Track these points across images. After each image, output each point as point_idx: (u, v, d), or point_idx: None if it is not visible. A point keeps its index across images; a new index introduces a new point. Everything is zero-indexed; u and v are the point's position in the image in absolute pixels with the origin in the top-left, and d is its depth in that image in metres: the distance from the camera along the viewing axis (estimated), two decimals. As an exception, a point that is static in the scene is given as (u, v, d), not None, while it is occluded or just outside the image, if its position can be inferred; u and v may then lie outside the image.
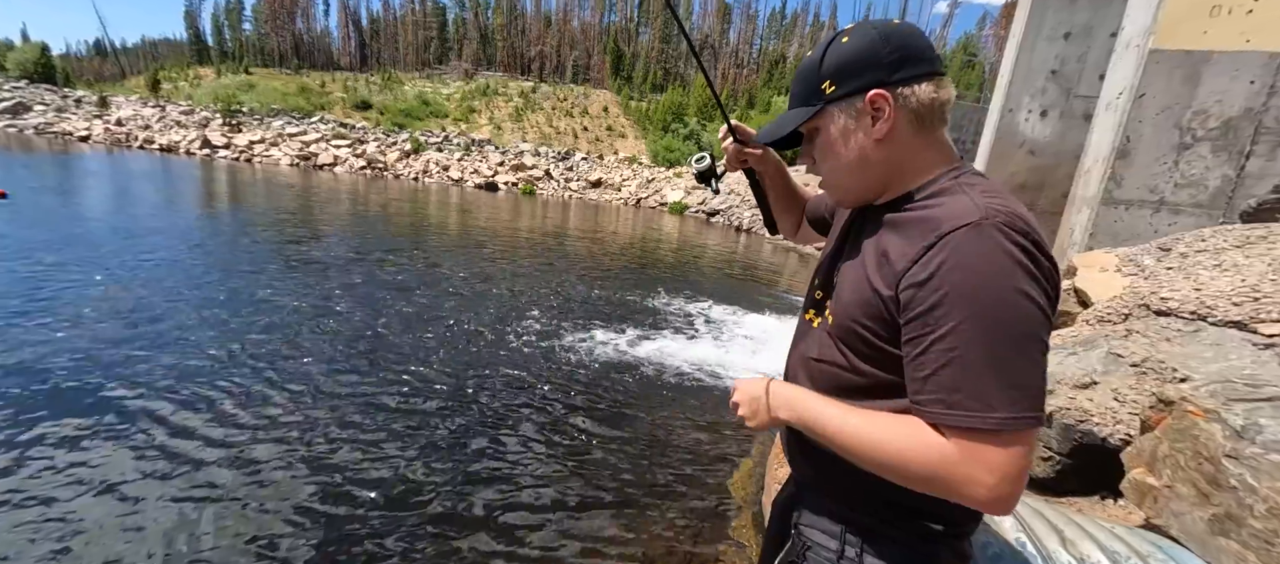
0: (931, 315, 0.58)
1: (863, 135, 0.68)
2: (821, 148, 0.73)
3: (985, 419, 0.55)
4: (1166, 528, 1.30)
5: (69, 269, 5.16)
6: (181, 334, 3.96)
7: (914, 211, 0.65)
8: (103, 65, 65.44)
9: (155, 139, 22.19)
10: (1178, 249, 2.52)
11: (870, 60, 0.65)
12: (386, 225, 10.22)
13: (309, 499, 2.39)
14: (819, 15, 64.64)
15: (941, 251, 0.58)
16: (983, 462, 0.55)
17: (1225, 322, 1.91)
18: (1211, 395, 1.29)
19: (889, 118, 0.66)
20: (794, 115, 0.73)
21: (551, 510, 2.48)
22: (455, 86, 45.31)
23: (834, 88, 0.68)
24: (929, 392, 0.59)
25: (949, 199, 0.63)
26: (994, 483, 0.55)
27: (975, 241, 0.57)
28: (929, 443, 0.58)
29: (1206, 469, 1.21)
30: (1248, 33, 2.99)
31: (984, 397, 0.55)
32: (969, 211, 0.59)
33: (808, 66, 0.71)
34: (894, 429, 0.61)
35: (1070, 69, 5.30)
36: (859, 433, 0.63)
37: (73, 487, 2.32)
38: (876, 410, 0.65)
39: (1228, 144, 3.14)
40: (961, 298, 0.56)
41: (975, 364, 0.56)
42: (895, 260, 0.63)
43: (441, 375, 3.78)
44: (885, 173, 0.69)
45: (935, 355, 0.58)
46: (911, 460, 0.59)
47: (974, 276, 0.56)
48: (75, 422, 2.77)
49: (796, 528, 0.81)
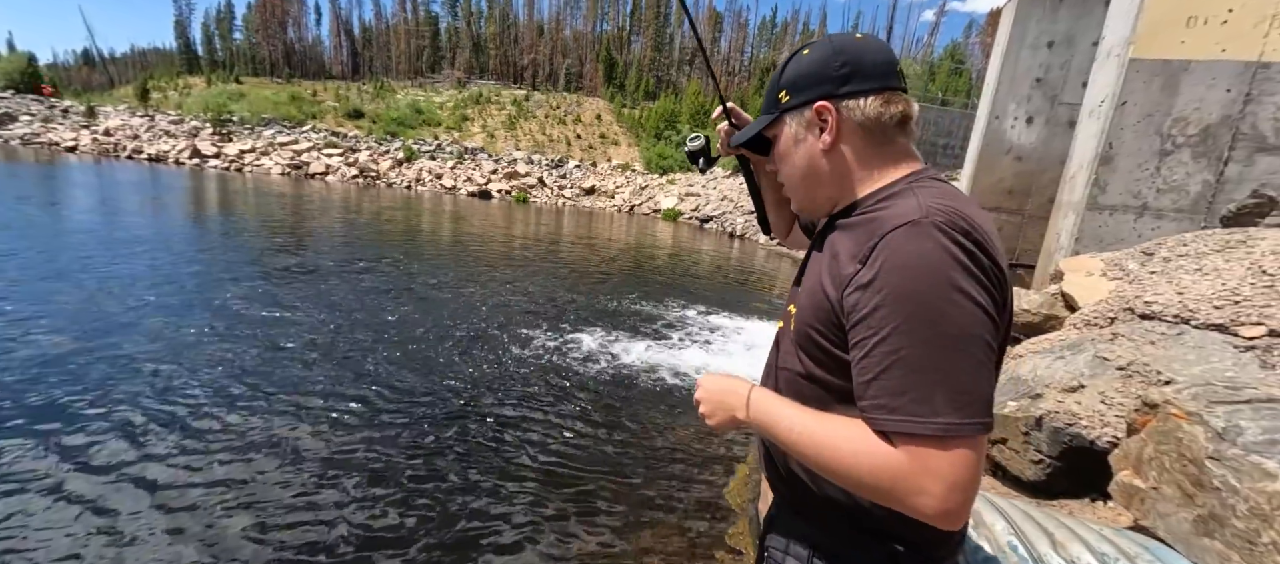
0: (873, 318, 0.57)
1: (810, 145, 0.70)
2: (777, 156, 0.76)
3: (928, 424, 0.53)
4: (1153, 529, 1.32)
5: (47, 279, 5.09)
6: (180, 343, 3.92)
7: (863, 215, 0.66)
8: (91, 75, 64.85)
9: (144, 149, 21.98)
10: (1161, 253, 2.58)
11: (821, 74, 0.67)
12: (379, 234, 10.17)
13: (304, 504, 2.37)
14: (808, 24, 65.32)
15: (882, 252, 0.57)
16: (929, 470, 0.53)
17: (1207, 325, 1.96)
18: (1194, 398, 1.32)
19: (832, 129, 0.67)
20: (758, 122, 0.77)
21: (547, 517, 2.48)
22: (448, 95, 45.32)
23: (789, 97, 0.71)
24: (872, 397, 0.57)
25: (898, 201, 0.63)
26: (941, 492, 0.53)
27: (913, 240, 0.56)
28: (875, 450, 0.56)
29: (1190, 471, 1.24)
30: (1223, 42, 3.07)
31: (927, 401, 0.53)
32: (910, 211, 0.58)
33: (773, 77, 0.75)
34: (843, 434, 0.59)
35: (1054, 76, 5.41)
36: (812, 436, 0.61)
37: (58, 497, 2.28)
38: (832, 416, 0.64)
39: (1207, 150, 3.22)
40: (900, 298, 0.55)
41: (916, 366, 0.54)
42: (843, 263, 0.63)
43: (437, 383, 3.77)
44: (835, 182, 0.70)
45: (877, 358, 0.56)
46: (859, 467, 0.57)
47: (911, 277, 0.55)
48: (64, 428, 2.73)
49: (767, 550, 0.81)
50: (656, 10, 59.12)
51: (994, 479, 2.09)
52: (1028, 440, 1.95)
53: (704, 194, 20.77)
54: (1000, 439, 2.04)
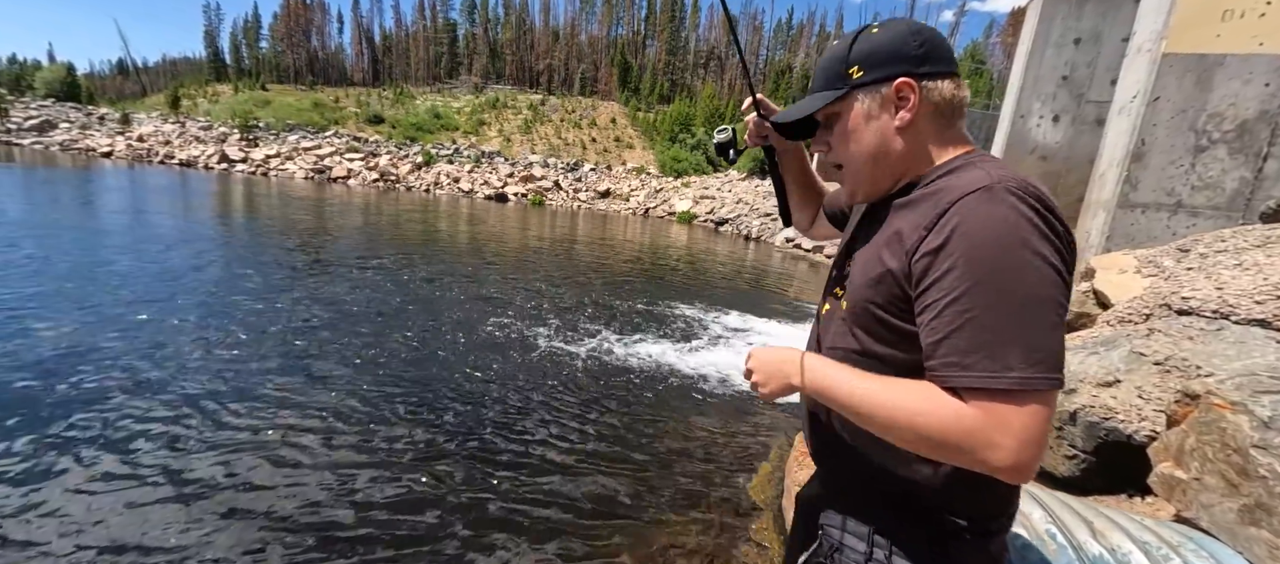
0: (945, 279, 0.57)
1: (885, 122, 0.69)
2: (841, 134, 0.73)
3: (1001, 379, 0.54)
4: (1196, 520, 1.31)
5: (68, 278, 5.31)
6: (211, 336, 4.06)
7: (925, 189, 0.66)
8: (125, 84, 67.33)
9: (175, 154, 22.75)
10: (1197, 249, 2.53)
11: (899, 51, 0.67)
12: (399, 236, 10.37)
13: (321, 500, 2.42)
14: (824, 25, 64.90)
15: (954, 217, 0.58)
16: (1001, 424, 0.54)
17: (1248, 320, 1.92)
18: (1237, 388, 1.30)
19: (913, 106, 0.67)
20: (817, 98, 0.73)
21: (571, 513, 2.51)
22: (465, 100, 46.03)
23: (861, 73, 0.69)
24: (943, 355, 0.57)
25: (961, 173, 0.64)
26: (1014, 446, 0.53)
27: (988, 205, 0.57)
28: (945, 406, 0.57)
29: (1234, 460, 1.23)
30: (1260, 36, 3.00)
31: (1001, 357, 0.54)
32: (980, 179, 0.59)
33: (834, 54, 0.72)
34: (910, 392, 0.59)
35: (1080, 75, 5.31)
36: (875, 396, 0.61)
37: (83, 491, 2.39)
38: (894, 378, 0.64)
39: (1244, 146, 3.14)
40: (975, 259, 0.56)
41: (991, 324, 0.55)
42: (907, 235, 0.63)
43: (455, 382, 3.84)
44: (902, 163, 0.70)
45: (949, 317, 0.57)
46: (929, 423, 0.57)
47: (988, 238, 0.56)
48: (97, 423, 2.86)
49: (822, 528, 0.79)
50: (671, 14, 59.31)
51: (1025, 475, 2.07)
52: (1061, 435, 1.93)
53: (719, 196, 20.72)
54: (1032, 435, 2.02)
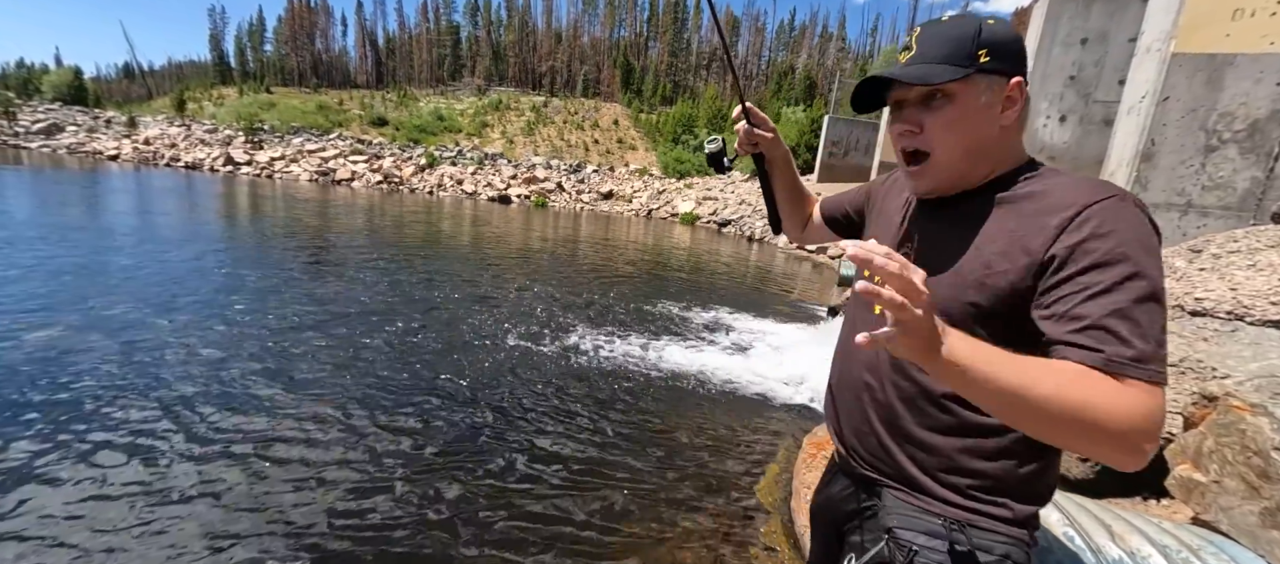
0: (1107, 267, 0.58)
1: (995, 114, 0.68)
2: (949, 118, 0.68)
3: (1162, 373, 0.57)
4: (1216, 523, 1.29)
5: (74, 274, 5.34)
6: (208, 337, 4.08)
7: (1024, 192, 0.68)
8: (131, 87, 67.83)
9: (181, 157, 22.89)
10: (1210, 250, 2.51)
11: (1019, 52, 0.69)
12: (402, 238, 10.40)
13: (327, 502, 2.42)
14: (827, 25, 64.91)
15: (1094, 217, 0.60)
16: (1159, 413, 0.55)
17: (1264, 321, 1.90)
18: (1257, 390, 1.29)
19: (1018, 108, 0.69)
20: (942, 69, 0.67)
21: (574, 517, 2.49)
22: (468, 102, 46.17)
23: (989, 59, 0.66)
24: (1111, 339, 0.56)
25: (1057, 181, 0.67)
26: (1157, 436, 0.56)
27: (1126, 212, 0.60)
28: (1121, 393, 0.55)
29: (1255, 463, 1.21)
30: (1271, 35, 2.98)
31: (1161, 351, 0.57)
32: (1101, 189, 0.63)
33: (958, 30, 0.68)
34: (1072, 376, 0.56)
35: (1088, 74, 5.29)
36: (1038, 372, 0.56)
37: (88, 488, 2.39)
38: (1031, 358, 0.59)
39: (1255, 146, 3.12)
40: (1134, 253, 0.58)
41: (1154, 319, 0.57)
42: (1027, 234, 0.64)
43: (460, 385, 3.84)
44: (993, 158, 0.70)
45: (1117, 298, 0.57)
46: (1103, 409, 0.54)
47: (1139, 238, 0.59)
48: (104, 420, 2.87)
49: (892, 534, 0.75)
50: (674, 16, 59.38)
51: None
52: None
53: (721, 198, 20.71)
54: (1044, 437, 2.00)
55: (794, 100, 39.14)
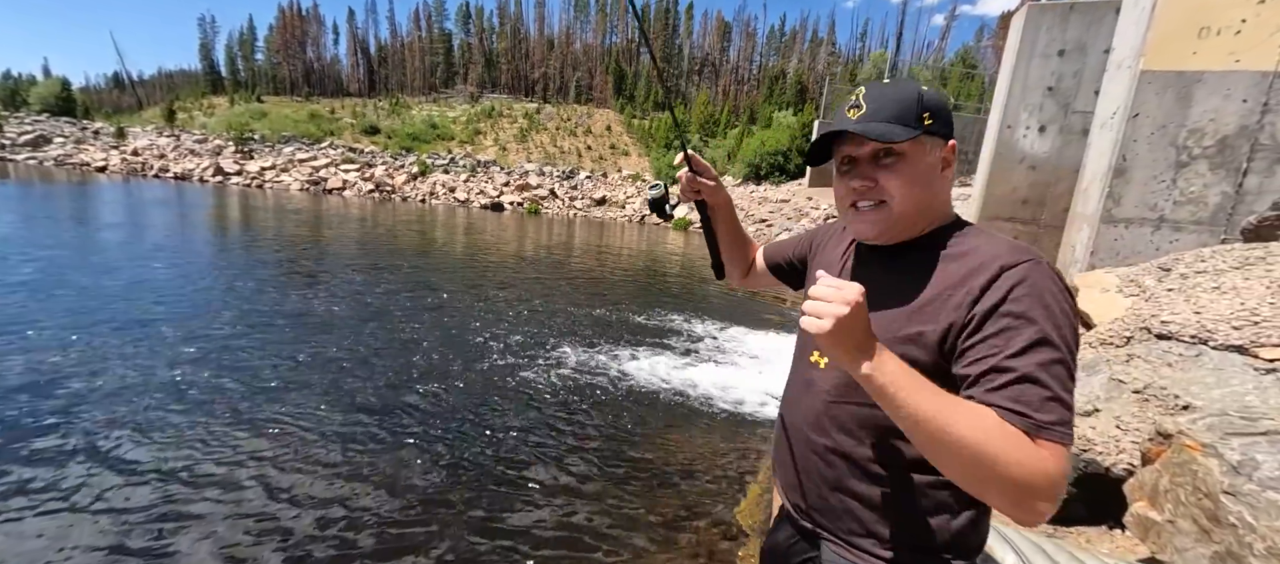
0: (1020, 327, 0.62)
1: (939, 173, 0.75)
2: (903, 175, 0.72)
3: (1068, 434, 0.59)
4: (1170, 563, 1.29)
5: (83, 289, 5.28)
6: (213, 349, 4.03)
7: (954, 250, 0.73)
8: (121, 97, 67.35)
9: (170, 167, 22.71)
10: (1178, 270, 2.53)
11: (950, 116, 0.76)
12: (394, 247, 10.35)
13: (313, 513, 2.40)
14: (817, 31, 65.39)
15: (1011, 279, 0.64)
16: (1063, 473, 0.58)
17: (1226, 346, 1.91)
18: (1208, 429, 1.30)
19: (951, 169, 0.76)
20: (898, 129, 0.71)
21: (555, 536, 2.48)
22: (461, 109, 46.14)
23: (932, 122, 0.73)
24: (1023, 397, 0.59)
25: (980, 240, 0.72)
26: (1057, 497, 0.58)
27: (1042, 275, 0.65)
28: (1028, 448, 0.57)
29: (1206, 505, 1.22)
30: (1236, 52, 3.03)
31: (1068, 413, 0.60)
32: (1020, 252, 0.67)
33: (904, 93, 0.72)
34: (989, 423, 0.58)
35: (1067, 85, 5.34)
36: (954, 412, 0.58)
37: (84, 501, 2.36)
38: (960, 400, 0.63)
39: (1225, 161, 3.16)
40: (1044, 318, 0.62)
41: (1064, 380, 0.61)
42: (952, 290, 0.68)
43: (443, 398, 3.81)
44: (933, 213, 0.76)
45: (1030, 360, 0.60)
46: (1012, 461, 0.56)
47: (1052, 302, 0.63)
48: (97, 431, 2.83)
49: None
50: (665, 22, 59.67)
51: (1008, 504, 2.06)
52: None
53: (714, 204, 20.73)
54: (1014, 463, 2.01)
55: (785, 104, 39.34)
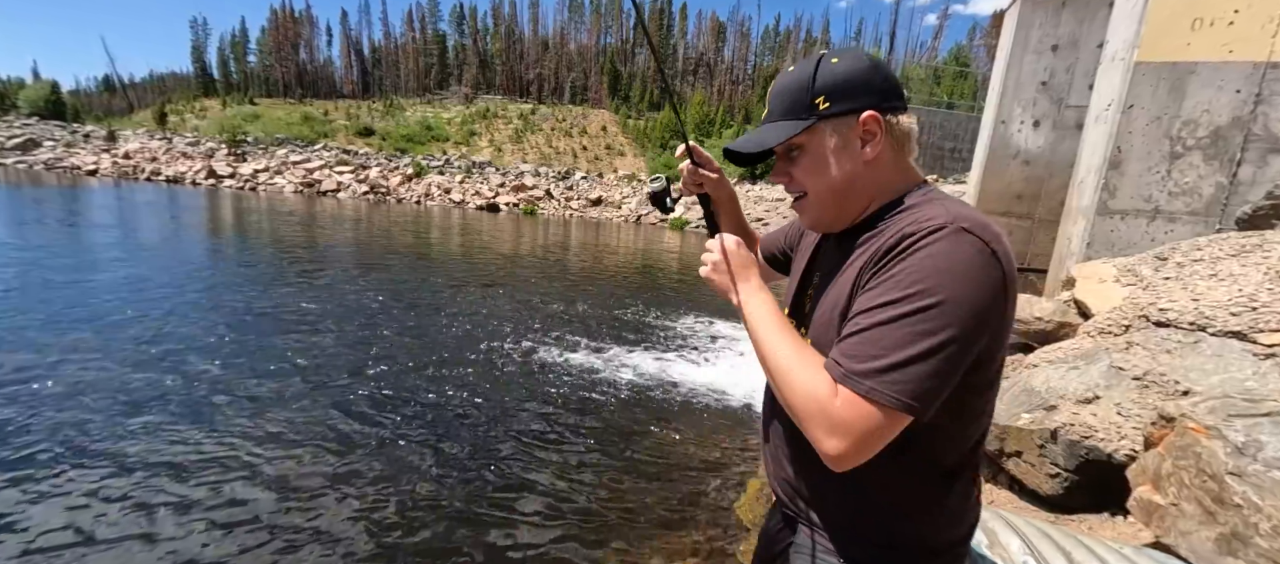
0: (875, 290, 0.60)
1: (853, 155, 0.68)
2: (806, 166, 0.71)
3: (862, 384, 0.57)
4: (1175, 547, 1.29)
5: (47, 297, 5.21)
6: (206, 357, 3.99)
7: (886, 225, 0.67)
8: (112, 100, 66.75)
9: (162, 170, 22.53)
10: (1175, 258, 2.54)
11: (866, 84, 0.67)
12: (389, 249, 10.29)
13: (309, 514, 2.38)
14: (810, 32, 65.59)
15: (902, 245, 0.61)
16: (855, 430, 0.57)
17: (1224, 332, 1.92)
18: (1211, 411, 1.29)
19: (879, 141, 0.67)
20: (780, 128, 0.70)
21: (553, 534, 2.46)
22: (456, 111, 46.02)
23: (828, 105, 0.67)
24: (839, 347, 0.61)
25: (918, 210, 0.65)
26: (848, 445, 0.57)
27: (938, 241, 0.59)
28: (820, 383, 0.60)
29: (1210, 487, 1.22)
30: (1229, 44, 3.04)
31: (873, 364, 0.57)
32: (939, 216, 0.61)
33: (795, 82, 0.70)
34: (806, 359, 0.63)
35: (1060, 80, 5.38)
36: (781, 345, 0.66)
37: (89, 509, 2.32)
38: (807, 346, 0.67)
39: (1218, 152, 3.18)
40: (913, 279, 0.58)
41: (887, 338, 0.57)
42: (861, 263, 0.65)
43: (440, 397, 3.78)
44: (867, 195, 0.70)
45: (862, 320, 0.60)
46: (798, 386, 0.62)
47: (926, 268, 0.58)
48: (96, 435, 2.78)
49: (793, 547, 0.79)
50: (660, 22, 59.75)
51: (1011, 494, 2.06)
52: (1043, 454, 1.92)
53: (710, 203, 20.78)
54: (1015, 452, 2.01)
55: (780, 104, 39.38)
